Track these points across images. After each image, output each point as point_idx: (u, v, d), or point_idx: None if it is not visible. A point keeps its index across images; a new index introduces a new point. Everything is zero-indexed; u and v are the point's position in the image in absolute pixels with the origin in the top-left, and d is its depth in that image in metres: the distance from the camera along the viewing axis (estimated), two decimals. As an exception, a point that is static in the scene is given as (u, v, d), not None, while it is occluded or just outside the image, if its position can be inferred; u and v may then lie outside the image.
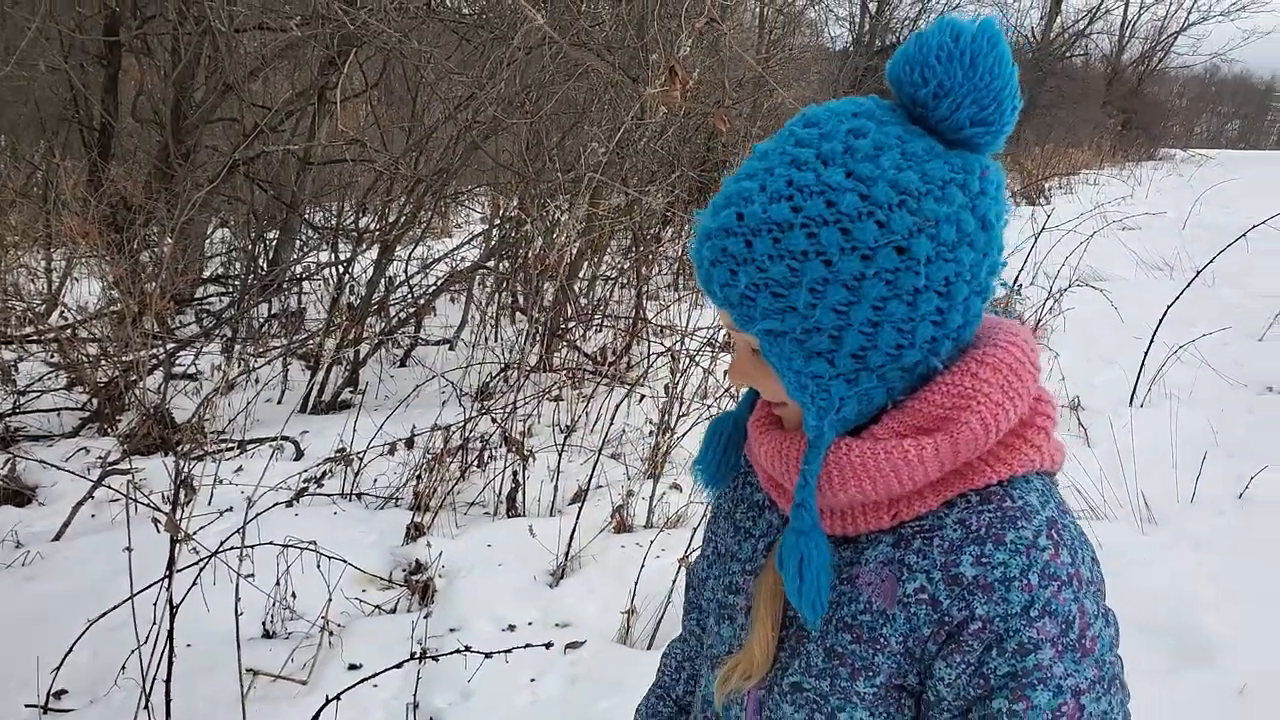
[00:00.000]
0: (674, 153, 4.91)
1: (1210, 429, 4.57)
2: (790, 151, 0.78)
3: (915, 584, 0.79)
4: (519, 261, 5.80)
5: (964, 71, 0.74)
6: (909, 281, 0.75)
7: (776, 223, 0.75)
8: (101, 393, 4.44)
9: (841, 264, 0.74)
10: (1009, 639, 0.75)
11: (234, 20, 5.14)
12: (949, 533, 0.79)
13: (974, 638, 0.76)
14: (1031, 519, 0.79)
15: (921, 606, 0.79)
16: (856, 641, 0.82)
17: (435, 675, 2.64)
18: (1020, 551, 0.76)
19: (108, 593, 2.65)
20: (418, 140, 5.42)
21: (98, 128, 6.44)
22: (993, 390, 0.79)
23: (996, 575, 0.76)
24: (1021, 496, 0.81)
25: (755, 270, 0.76)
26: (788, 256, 0.75)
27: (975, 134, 0.77)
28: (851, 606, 0.83)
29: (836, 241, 0.74)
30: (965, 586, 0.77)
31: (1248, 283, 7.88)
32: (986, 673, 0.76)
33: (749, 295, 0.78)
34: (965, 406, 0.79)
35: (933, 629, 0.78)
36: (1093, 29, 28.22)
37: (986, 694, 0.76)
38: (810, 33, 13.49)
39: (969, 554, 0.77)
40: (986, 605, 0.76)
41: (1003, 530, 0.78)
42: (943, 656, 0.78)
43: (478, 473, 3.94)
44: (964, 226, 0.76)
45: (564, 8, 4.42)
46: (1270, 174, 19.67)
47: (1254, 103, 54.77)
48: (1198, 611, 3.03)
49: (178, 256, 5.60)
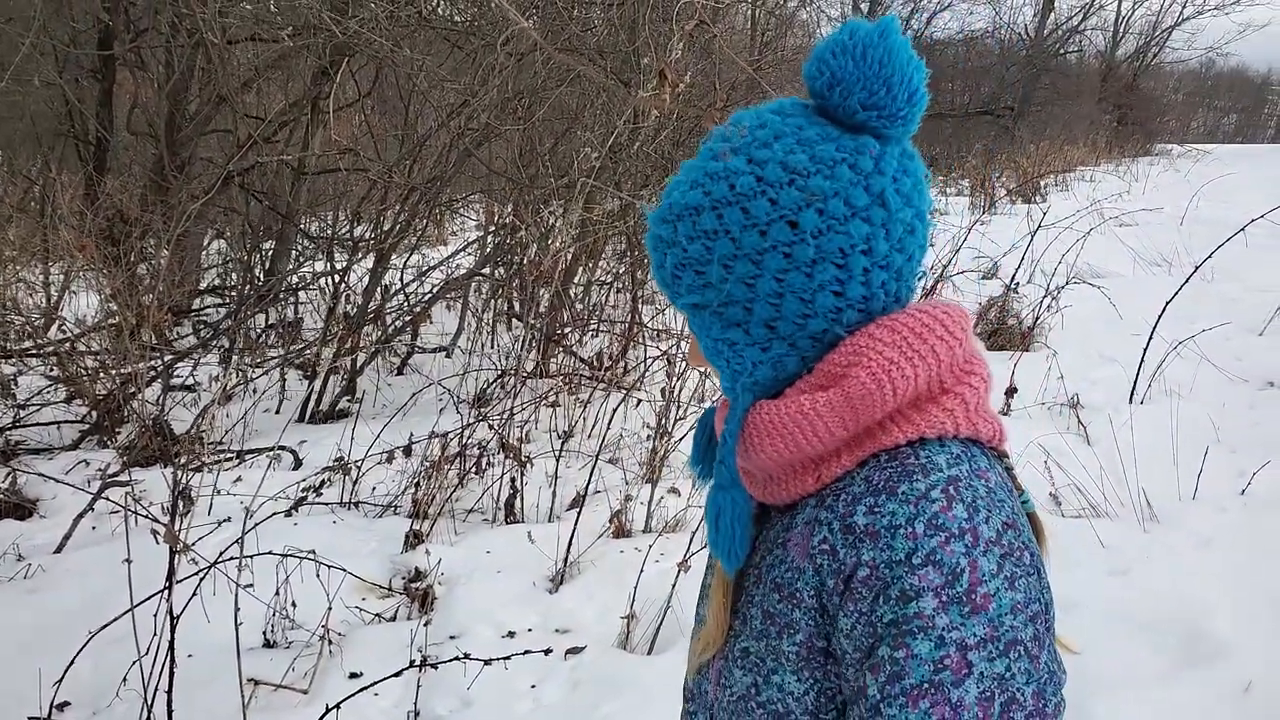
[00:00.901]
0: (668, 156, 4.91)
1: (1211, 425, 4.56)
2: (713, 148, 0.88)
3: (820, 535, 0.83)
4: (514, 268, 5.80)
5: (854, 62, 0.82)
6: (803, 253, 0.83)
7: (692, 207, 0.86)
8: (100, 405, 4.44)
9: (744, 239, 0.84)
10: (893, 585, 0.76)
11: (226, 32, 5.15)
12: (854, 488, 0.83)
13: (863, 585, 0.78)
14: (930, 474, 0.80)
15: (825, 557, 0.82)
16: (783, 600, 0.86)
17: (436, 683, 2.64)
18: (910, 502, 0.79)
19: (109, 604, 2.66)
20: (411, 148, 5.43)
21: (93, 141, 6.45)
22: (885, 348, 0.83)
23: (884, 523, 0.78)
24: (928, 456, 0.82)
25: (679, 251, 0.87)
26: (701, 236, 0.85)
27: (868, 118, 0.83)
28: (780, 568, 0.88)
29: (738, 220, 0.83)
30: (857, 535, 0.80)
31: (1247, 277, 7.87)
32: (874, 620, 0.77)
33: (676, 274, 0.89)
34: (856, 362, 0.84)
35: (834, 580, 0.81)
36: (1086, 25, 28.23)
37: (874, 642, 0.77)
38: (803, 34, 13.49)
39: (864, 504, 0.81)
40: (872, 551, 0.78)
41: (897, 483, 0.80)
42: (841, 608, 0.81)
43: (476, 479, 3.94)
44: (854, 201, 0.83)
45: (555, 13, 4.43)
46: (1268, 168, 19.67)
47: (1250, 96, 54.72)
48: (1201, 609, 3.01)
49: (174, 268, 5.61)
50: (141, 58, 6.39)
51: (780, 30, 10.57)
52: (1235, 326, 6.28)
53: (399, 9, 4.39)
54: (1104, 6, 28.95)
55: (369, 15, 4.34)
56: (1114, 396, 5.22)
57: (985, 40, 26.64)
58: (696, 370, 4.51)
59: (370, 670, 2.67)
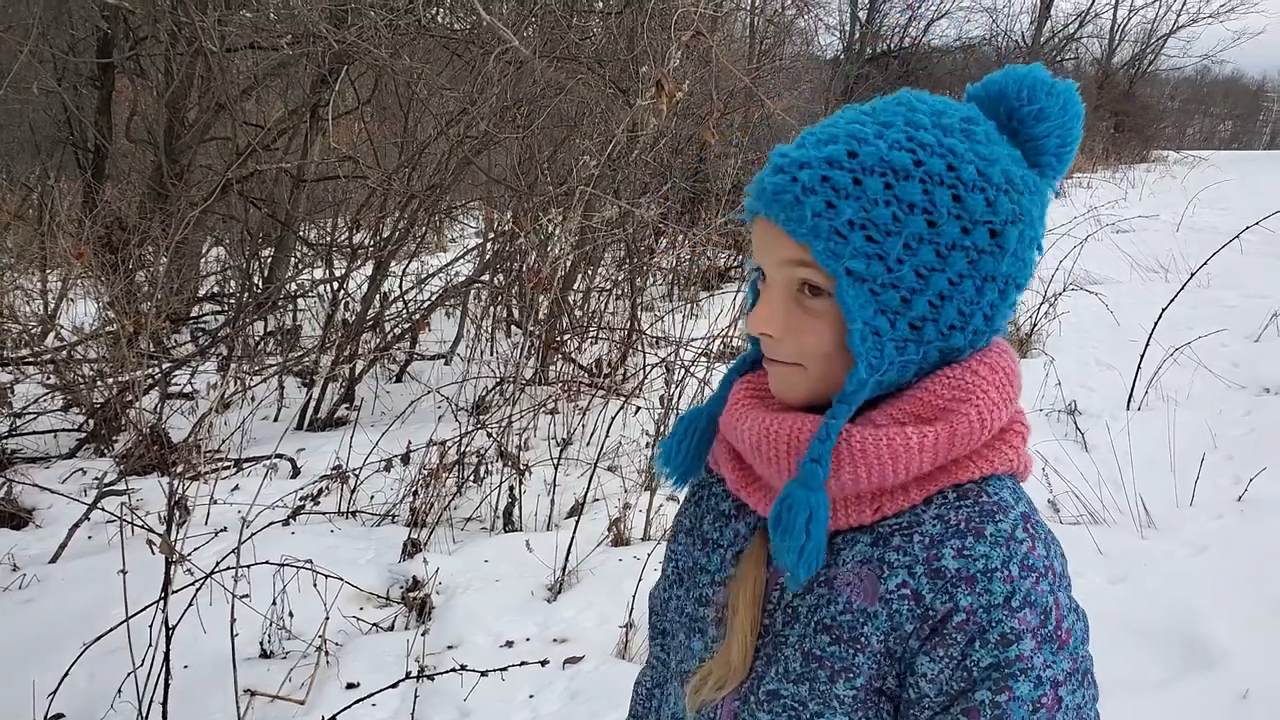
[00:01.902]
0: (666, 164, 4.92)
1: (1208, 431, 4.56)
2: (905, 114, 0.81)
3: (897, 580, 0.80)
4: (514, 275, 5.81)
5: (1059, 107, 0.83)
6: (988, 266, 0.79)
7: (895, 168, 0.77)
8: (97, 414, 4.44)
9: (944, 227, 0.77)
10: (991, 630, 0.76)
11: (225, 40, 5.16)
12: (928, 528, 0.80)
13: (957, 630, 0.77)
14: (1008, 514, 0.80)
15: (904, 602, 0.79)
16: (836, 642, 0.82)
17: (433, 693, 2.63)
18: (1000, 544, 0.78)
19: (104, 615, 2.65)
20: (410, 156, 5.43)
21: (92, 149, 6.46)
22: (990, 389, 0.82)
23: (979, 567, 0.77)
24: (996, 493, 0.82)
25: (859, 208, 0.76)
26: (895, 203, 0.76)
27: (1050, 162, 0.84)
28: (830, 608, 0.83)
29: (947, 204, 0.77)
30: (948, 579, 0.78)
31: (1243, 284, 7.88)
32: (969, 665, 0.77)
33: (843, 231, 0.77)
34: (965, 399, 0.81)
35: (915, 624, 0.79)
36: (1083, 33, 28.33)
37: (969, 687, 0.77)
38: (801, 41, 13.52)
39: (950, 547, 0.79)
40: (970, 597, 0.76)
41: (981, 524, 0.79)
42: (925, 652, 0.79)
43: (474, 488, 3.94)
44: (1037, 235, 0.83)
45: (553, 22, 4.44)
46: (1264, 174, 19.72)
47: (1245, 103, 54.89)
48: (1198, 616, 3.01)
49: (173, 276, 5.61)
50: (141, 65, 6.40)
51: (778, 38, 10.59)
52: (1231, 333, 6.29)
53: (398, 18, 4.40)
54: (1100, 15, 29.01)
55: (368, 24, 4.34)
56: (1111, 403, 5.22)
57: (983, 48, 26.70)
58: (696, 380, 4.51)
59: (367, 680, 2.66)
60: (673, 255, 7.35)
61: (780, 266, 0.81)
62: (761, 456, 0.85)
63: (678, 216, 7.18)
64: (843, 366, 0.82)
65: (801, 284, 0.81)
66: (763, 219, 0.82)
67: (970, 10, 39.30)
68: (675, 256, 7.32)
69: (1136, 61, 30.99)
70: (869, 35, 22.90)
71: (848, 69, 20.04)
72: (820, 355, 0.82)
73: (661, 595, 1.11)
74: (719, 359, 5.02)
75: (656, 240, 7.02)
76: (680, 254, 7.17)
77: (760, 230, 0.83)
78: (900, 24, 23.61)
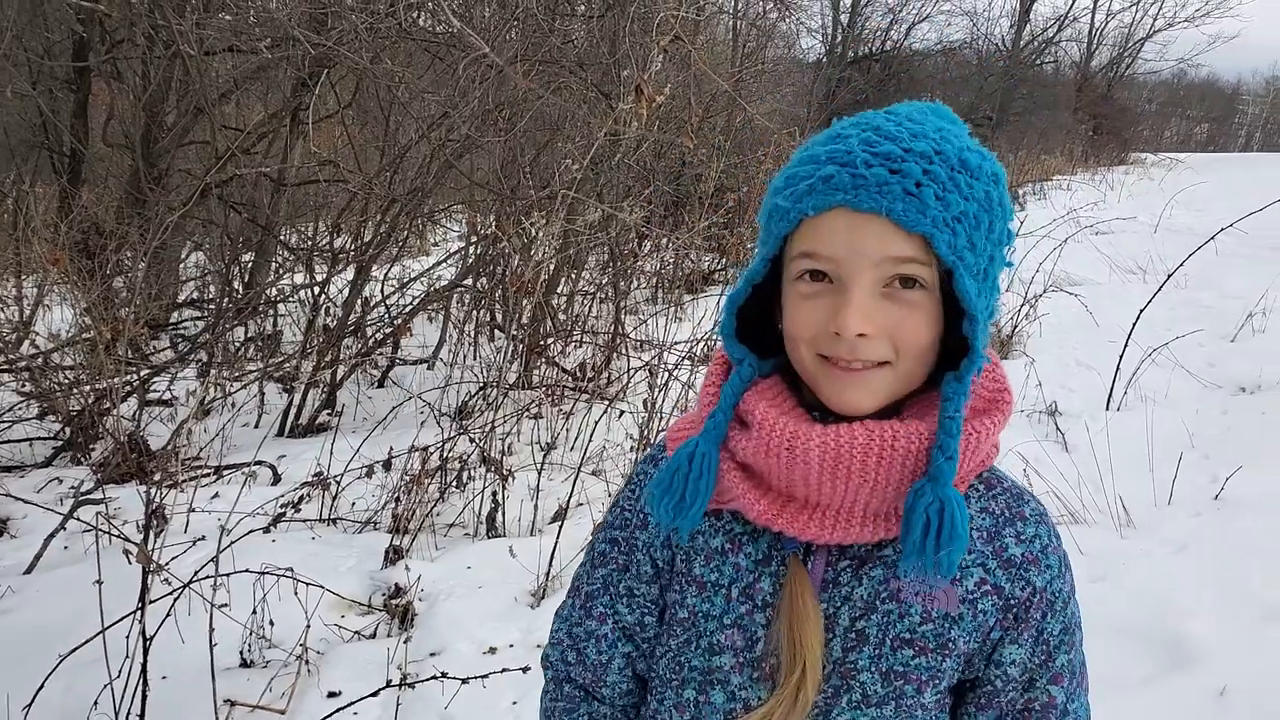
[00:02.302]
0: (649, 168, 4.92)
1: (1186, 431, 4.60)
2: (939, 120, 0.84)
3: (974, 579, 0.83)
4: (496, 279, 5.79)
5: None
6: (1003, 258, 0.84)
7: (969, 167, 0.80)
8: (74, 421, 4.38)
9: (995, 223, 0.81)
10: (1057, 599, 0.85)
11: (204, 43, 5.11)
12: (980, 521, 0.85)
13: (1035, 610, 0.84)
14: (1025, 491, 0.89)
15: (989, 599, 0.83)
16: (921, 654, 0.83)
17: (415, 701, 2.61)
18: (1039, 520, 0.87)
19: (81, 626, 2.61)
20: (392, 160, 5.41)
21: (68, 153, 6.39)
22: (1009, 384, 0.87)
23: (1038, 547, 0.85)
24: (1003, 476, 0.90)
25: (959, 200, 0.78)
26: (973, 199, 0.79)
27: None
28: (905, 622, 0.83)
29: (1000, 199, 0.82)
30: (1019, 565, 0.84)
31: (1219, 284, 7.96)
32: (1046, 637, 0.84)
33: (950, 222, 0.77)
34: (1003, 389, 0.85)
35: (998, 616, 0.83)
36: (1061, 37, 28.60)
37: (1048, 656, 0.84)
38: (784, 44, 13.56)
39: (1009, 536, 0.85)
40: (1040, 576, 0.84)
41: (1020, 507, 0.87)
42: (1011, 640, 0.84)
43: (457, 493, 3.92)
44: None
45: (535, 26, 4.43)
46: (1239, 176, 19.93)
47: (1221, 106, 55.60)
48: (1177, 614, 3.03)
49: (151, 281, 5.55)
50: (117, 69, 6.34)
51: (761, 42, 10.62)
52: (1208, 333, 6.35)
53: (378, 21, 4.38)
54: (1078, 19, 29.30)
55: (348, 27, 4.32)
56: (1091, 403, 5.26)
57: (963, 51, 26.88)
58: (680, 383, 4.50)
59: (349, 689, 2.64)
60: (656, 259, 7.35)
61: (879, 262, 0.78)
62: (840, 472, 0.79)
63: (661, 220, 7.18)
64: (928, 362, 0.82)
65: (893, 278, 0.79)
66: (847, 211, 0.78)
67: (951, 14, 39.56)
68: (659, 260, 7.33)
69: (1114, 65, 31.33)
70: (851, 39, 23.01)
71: (830, 72, 20.11)
72: (918, 350, 0.80)
73: (597, 652, 1.02)
74: (703, 362, 5.02)
75: (640, 244, 7.02)
76: (664, 257, 7.17)
77: (846, 224, 0.78)
78: (882, 28, 23.75)
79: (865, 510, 0.81)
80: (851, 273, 0.78)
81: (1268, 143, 53.72)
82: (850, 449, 0.78)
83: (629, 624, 1.00)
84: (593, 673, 1.02)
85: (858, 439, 0.79)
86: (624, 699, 1.03)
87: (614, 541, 1.01)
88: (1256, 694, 2.63)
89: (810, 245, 0.80)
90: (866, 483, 0.79)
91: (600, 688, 1.02)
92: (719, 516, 0.91)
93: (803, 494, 0.82)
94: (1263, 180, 16.79)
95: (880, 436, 0.79)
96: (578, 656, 1.02)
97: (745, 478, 0.85)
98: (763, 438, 0.82)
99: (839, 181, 0.78)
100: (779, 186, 0.83)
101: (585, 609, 1.02)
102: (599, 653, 1.01)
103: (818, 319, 0.80)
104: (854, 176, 0.77)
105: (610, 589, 1.00)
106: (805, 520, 0.82)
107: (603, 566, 1.01)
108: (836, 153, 0.79)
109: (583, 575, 1.05)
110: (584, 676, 1.03)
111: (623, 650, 1.00)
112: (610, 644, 1.00)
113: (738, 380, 0.87)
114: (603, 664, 1.01)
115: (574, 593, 1.05)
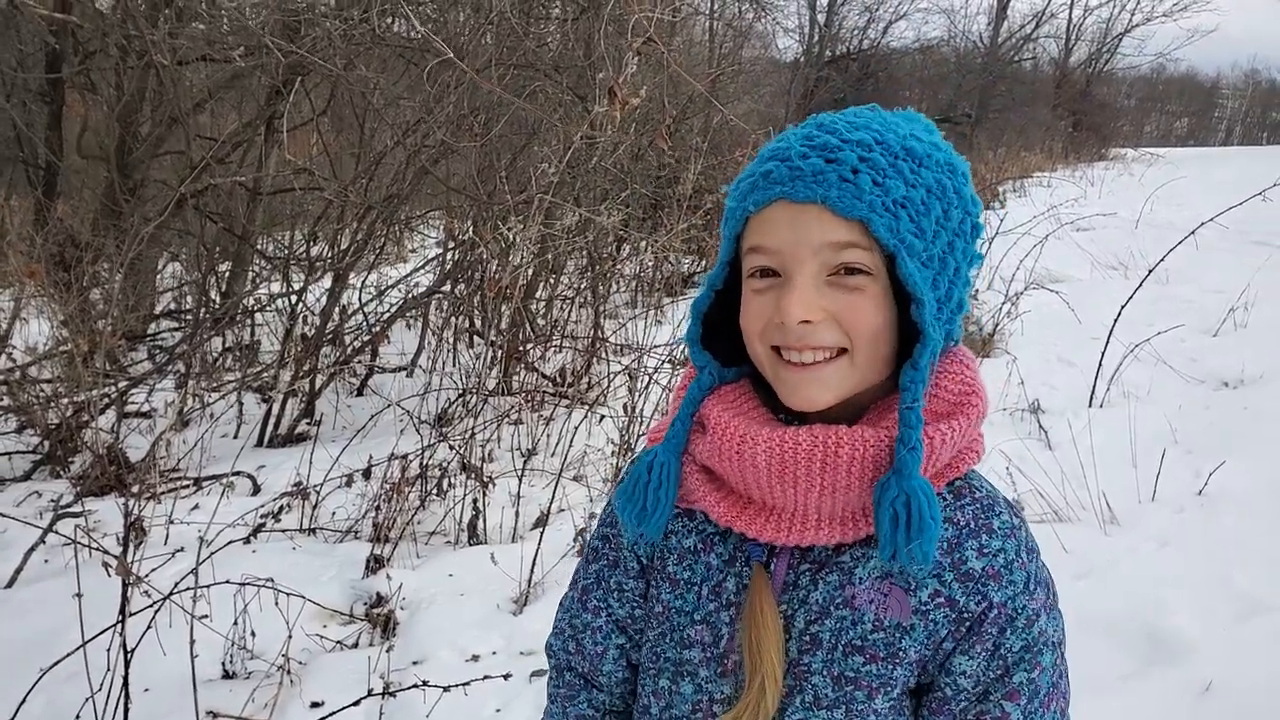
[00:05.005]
0: (627, 171, 4.91)
1: (1169, 426, 4.62)
2: (887, 116, 0.85)
3: (928, 590, 0.82)
4: (475, 285, 5.76)
5: None
6: (971, 253, 0.84)
7: (915, 155, 0.80)
8: (53, 435, 4.34)
9: (951, 212, 0.81)
10: (1019, 616, 0.81)
11: (177, 53, 5.07)
12: (942, 532, 0.82)
13: (991, 624, 0.81)
14: (999, 502, 0.86)
15: (942, 611, 0.82)
16: (872, 661, 0.83)
17: (397, 710, 2.59)
18: (1008, 534, 0.83)
19: (62, 640, 2.59)
20: (367, 166, 5.38)
21: (42, 165, 6.33)
22: (980, 385, 0.85)
23: (1000, 562, 0.82)
24: (980, 485, 0.87)
25: (900, 186, 0.78)
26: (921, 187, 0.79)
27: None
28: (858, 629, 0.83)
29: (952, 191, 0.81)
30: (977, 580, 0.81)
31: (1200, 279, 8.01)
32: (1004, 652, 0.82)
33: (891, 207, 0.78)
34: (970, 392, 0.83)
35: (951, 628, 0.82)
36: (1039, 33, 28.76)
37: (1005, 672, 0.82)
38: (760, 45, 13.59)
39: (970, 548, 0.82)
40: (999, 591, 0.81)
41: (988, 519, 0.84)
42: (961, 651, 0.82)
43: (437, 501, 3.89)
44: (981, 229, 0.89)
45: (509, 29, 4.42)
46: (1218, 170, 20.10)
47: (1200, 100, 56.10)
48: (1162, 610, 3.04)
49: (128, 293, 5.51)
50: (91, 80, 6.29)
51: (738, 42, 10.64)
52: (1190, 328, 6.38)
53: (351, 28, 4.36)
54: (1056, 15, 29.53)
55: (322, 34, 4.29)
56: (1074, 400, 5.28)
57: (941, 49, 27.04)
58: (660, 386, 4.49)
59: (332, 699, 2.62)
60: (635, 262, 7.34)
61: (819, 250, 0.79)
62: (786, 476, 0.80)
63: (640, 223, 7.17)
64: (884, 352, 0.81)
65: (838, 267, 0.79)
66: (786, 203, 0.79)
67: (928, 12, 39.76)
68: (638, 263, 7.31)
69: (1093, 61, 31.53)
70: (828, 38, 23.09)
71: (807, 72, 20.18)
72: (870, 334, 0.80)
73: (594, 643, 1.06)
74: (683, 365, 5.01)
75: (618, 247, 7.01)
76: (643, 260, 7.16)
77: (786, 216, 0.79)
78: (859, 26, 23.86)
79: (820, 513, 0.81)
80: (794, 263, 0.80)
81: (1247, 136, 54.17)
82: (795, 453, 0.79)
83: (620, 617, 1.04)
84: (590, 662, 1.07)
85: (801, 444, 0.79)
86: (620, 686, 1.07)
87: (605, 538, 1.05)
88: (1240, 689, 2.63)
89: (757, 240, 0.82)
90: (814, 487, 0.79)
91: (598, 676, 1.07)
92: (692, 516, 0.94)
93: (759, 496, 0.84)
94: (1242, 174, 16.92)
95: (824, 442, 0.79)
96: (576, 646, 1.08)
97: (707, 480, 0.88)
98: (714, 440, 0.84)
99: (777, 175, 0.79)
100: (730, 190, 0.85)
101: (581, 602, 1.07)
102: (595, 644, 1.06)
103: (765, 311, 0.81)
104: (791, 169, 0.79)
105: (603, 583, 1.04)
106: (763, 522, 0.83)
107: (595, 562, 1.06)
108: (777, 150, 0.81)
109: (580, 569, 1.10)
110: (582, 665, 1.08)
111: (616, 642, 1.05)
112: (605, 635, 1.05)
113: (696, 388, 0.89)
114: (598, 654, 1.05)
115: (573, 585, 1.10)
